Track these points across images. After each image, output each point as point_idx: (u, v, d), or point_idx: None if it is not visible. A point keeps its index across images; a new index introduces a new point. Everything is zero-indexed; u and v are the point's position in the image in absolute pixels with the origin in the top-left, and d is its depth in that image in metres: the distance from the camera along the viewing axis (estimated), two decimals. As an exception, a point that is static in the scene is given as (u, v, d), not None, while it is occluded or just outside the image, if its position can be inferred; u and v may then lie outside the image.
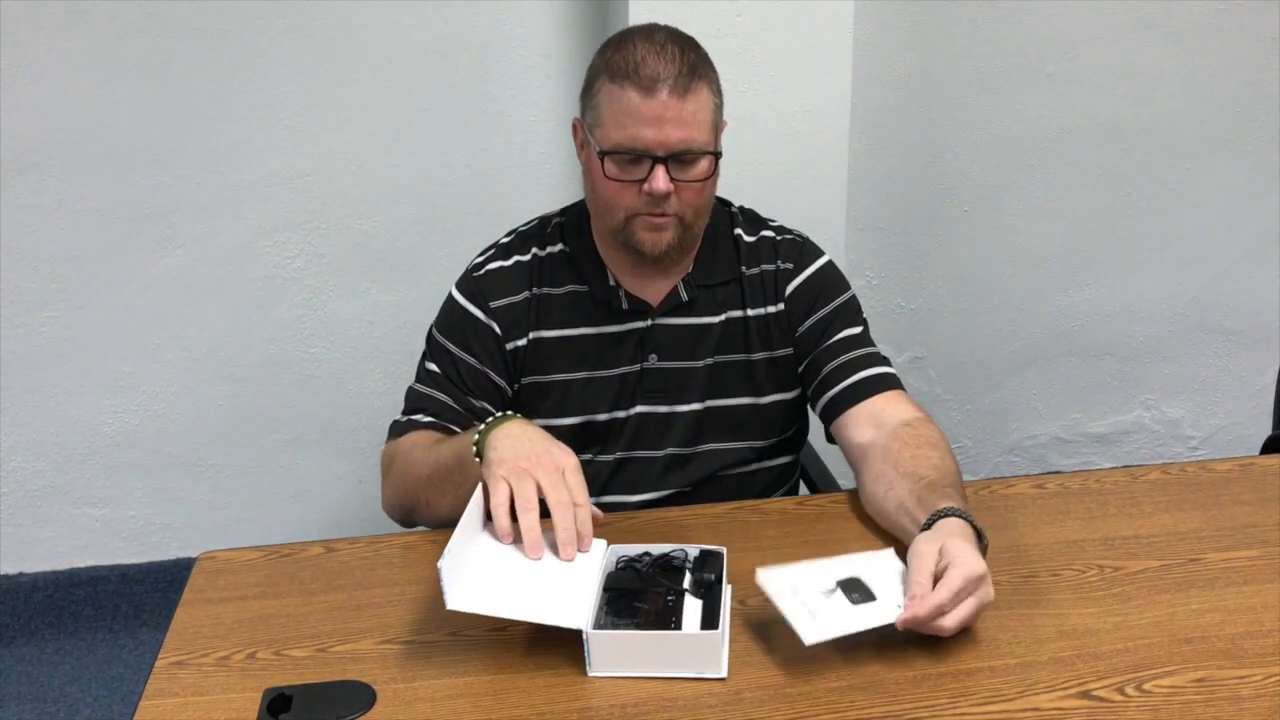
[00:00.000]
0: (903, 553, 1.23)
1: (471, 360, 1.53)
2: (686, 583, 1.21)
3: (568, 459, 1.26)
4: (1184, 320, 2.76)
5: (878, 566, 1.21)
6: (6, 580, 2.46)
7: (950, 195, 2.56)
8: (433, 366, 1.56)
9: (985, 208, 2.58)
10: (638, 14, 1.98)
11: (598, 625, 1.14)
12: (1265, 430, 1.95)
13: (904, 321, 2.65)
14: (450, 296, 1.58)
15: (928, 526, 1.23)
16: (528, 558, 1.21)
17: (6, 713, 2.29)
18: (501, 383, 1.54)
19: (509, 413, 1.34)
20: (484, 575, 1.18)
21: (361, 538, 1.40)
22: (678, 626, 1.15)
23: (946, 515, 1.23)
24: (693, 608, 1.18)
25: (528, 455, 1.24)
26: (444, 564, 1.10)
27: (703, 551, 1.25)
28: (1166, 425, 2.88)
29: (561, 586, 1.18)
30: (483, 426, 1.31)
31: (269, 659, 1.18)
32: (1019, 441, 2.84)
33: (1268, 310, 2.77)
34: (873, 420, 1.47)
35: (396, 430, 1.53)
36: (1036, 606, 1.23)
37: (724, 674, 1.12)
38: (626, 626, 1.15)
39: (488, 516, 1.27)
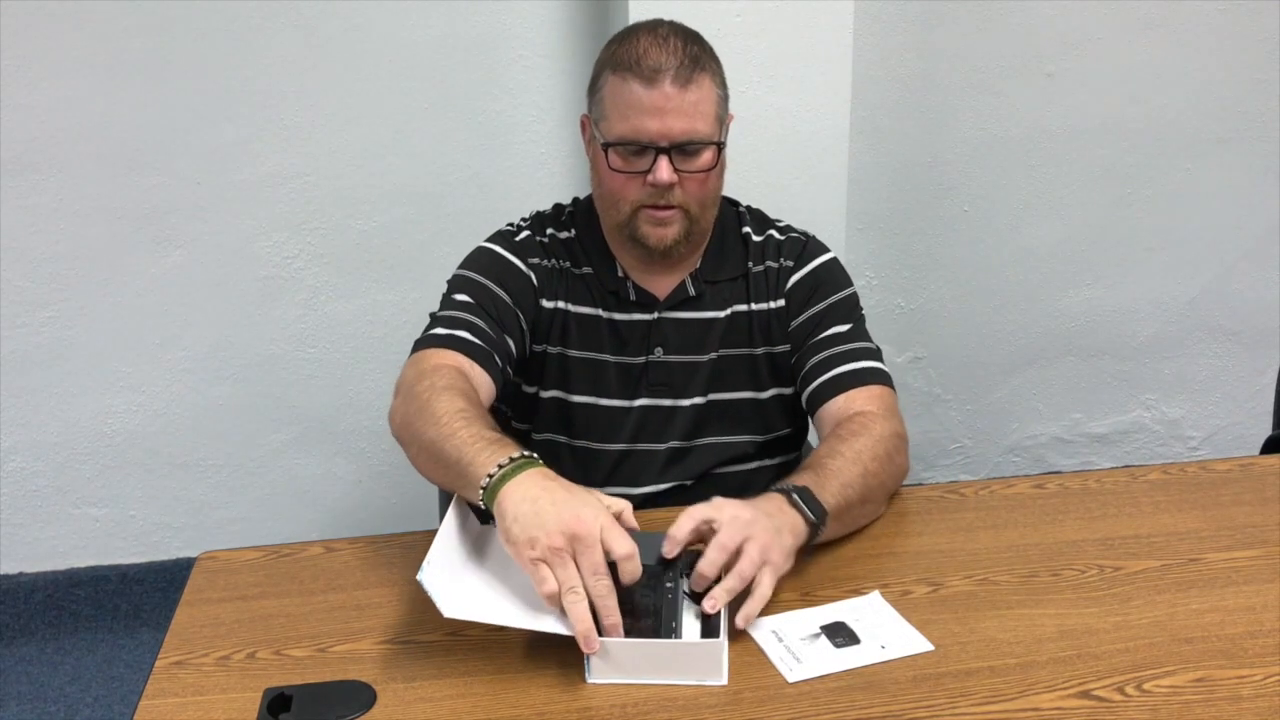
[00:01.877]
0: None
1: (505, 297, 1.50)
2: (685, 587, 1.21)
3: (601, 516, 1.12)
4: (1184, 320, 2.76)
5: (863, 610, 1.22)
6: (6, 580, 2.46)
7: (950, 195, 2.56)
8: (464, 297, 1.49)
9: (985, 208, 2.58)
10: (638, 14, 1.98)
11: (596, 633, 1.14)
12: (1265, 430, 1.95)
13: (904, 321, 2.65)
14: (483, 247, 1.55)
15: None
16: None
17: (6, 713, 2.28)
18: (526, 330, 1.52)
19: (527, 456, 1.20)
20: (479, 582, 1.17)
21: (361, 538, 1.40)
22: (677, 634, 1.15)
23: (779, 490, 1.26)
24: (691, 614, 1.18)
25: (558, 528, 1.10)
26: (424, 576, 1.09)
27: (696, 554, 1.24)
28: (1166, 425, 2.88)
29: None
30: (495, 470, 1.17)
31: (269, 659, 1.18)
32: (1019, 441, 2.84)
33: (1268, 310, 2.77)
34: (833, 421, 1.47)
35: (434, 341, 1.43)
36: (1036, 606, 1.23)
37: (724, 681, 1.11)
38: (625, 634, 1.14)
39: (480, 519, 1.26)
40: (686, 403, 1.57)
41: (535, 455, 1.21)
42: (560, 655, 1.14)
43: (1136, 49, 2.48)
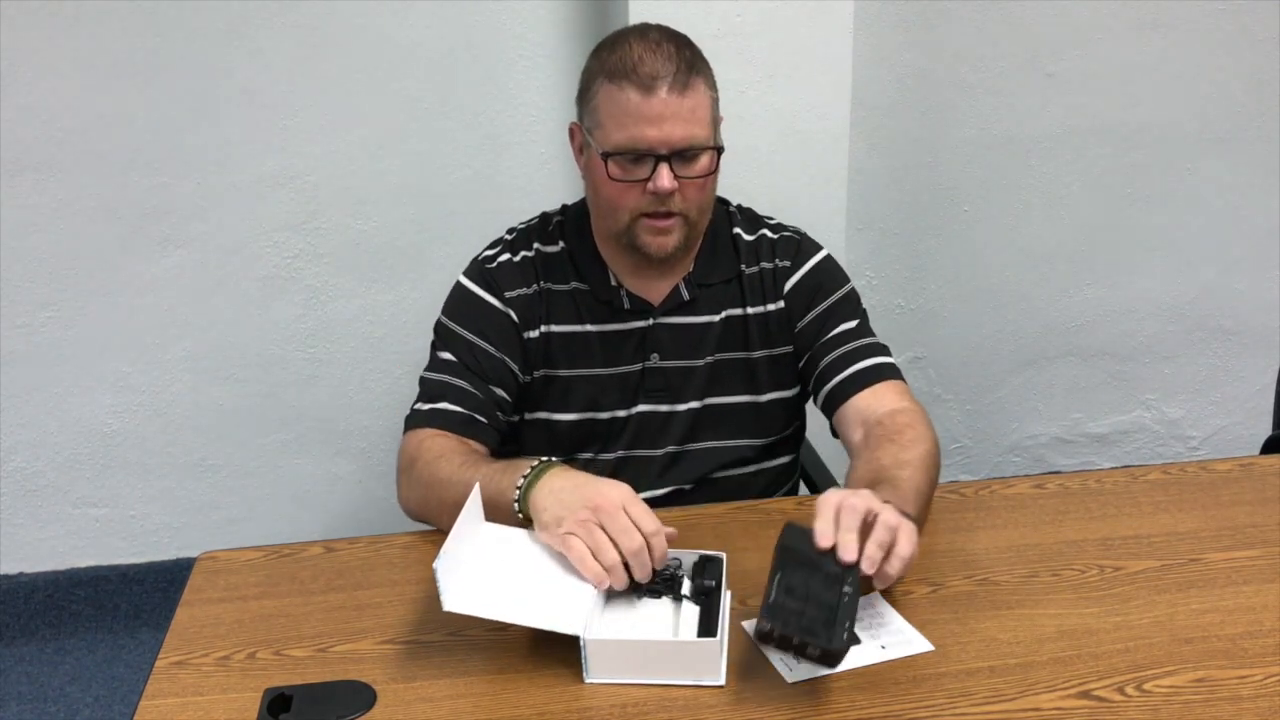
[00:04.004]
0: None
1: (488, 347, 1.52)
2: (685, 588, 1.21)
3: (621, 490, 1.19)
4: (1184, 320, 2.76)
5: (862, 611, 1.21)
6: (6, 580, 2.46)
7: (950, 195, 2.56)
8: (448, 355, 1.52)
9: (985, 208, 2.58)
10: (638, 14, 1.98)
11: (595, 631, 1.14)
12: (1265, 430, 1.95)
13: (904, 321, 2.65)
14: (461, 286, 1.56)
15: None
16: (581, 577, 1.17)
17: (6, 713, 2.29)
18: (516, 370, 1.53)
19: (544, 461, 1.28)
20: (482, 577, 1.17)
21: (361, 538, 1.40)
22: (676, 633, 1.15)
23: None
24: (690, 614, 1.18)
25: (584, 504, 1.18)
26: (439, 565, 1.10)
27: (702, 556, 1.24)
28: (1166, 425, 2.88)
29: (559, 590, 1.18)
30: (521, 481, 1.26)
31: (269, 659, 1.18)
32: (1019, 441, 2.84)
33: (1268, 310, 2.77)
34: (861, 418, 1.48)
35: (419, 419, 1.48)
36: (1036, 606, 1.23)
37: (722, 681, 1.11)
38: (624, 633, 1.14)
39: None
40: (683, 407, 1.57)
41: (552, 459, 1.27)
42: (561, 655, 1.14)
43: (1136, 49, 2.48)
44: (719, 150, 1.45)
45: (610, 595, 1.21)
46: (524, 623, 1.13)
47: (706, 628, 1.15)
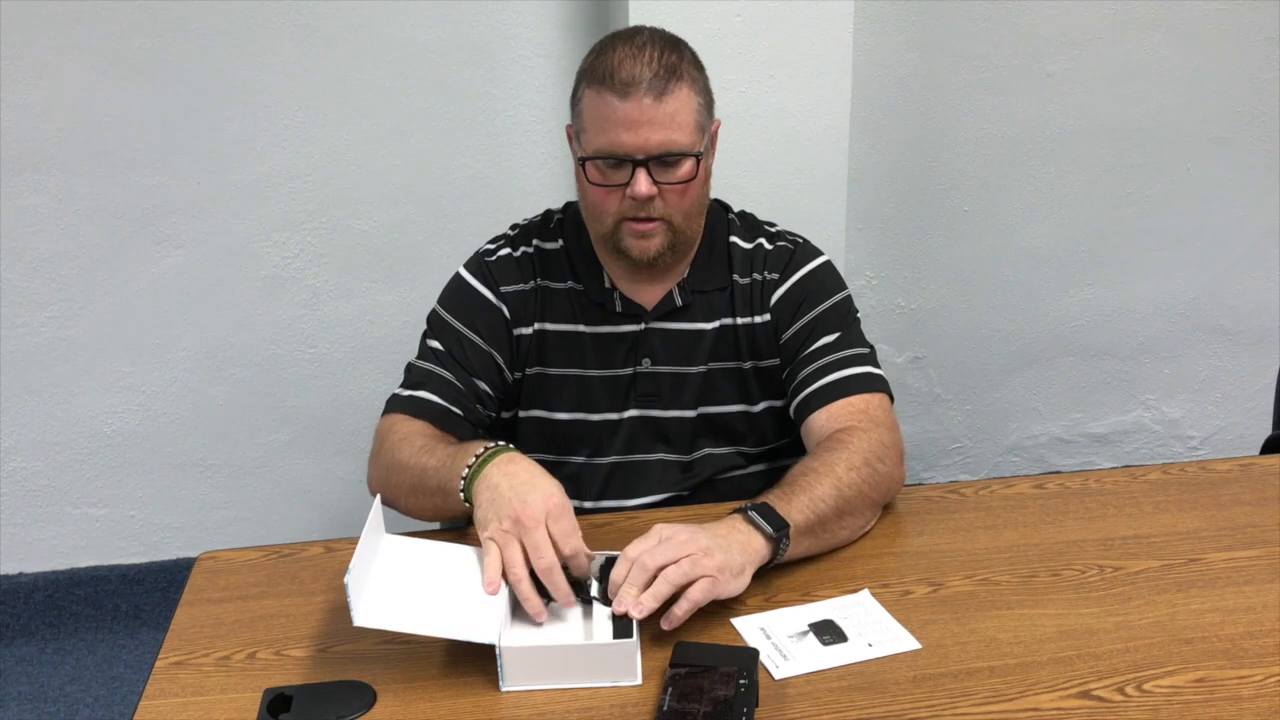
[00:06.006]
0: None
1: (477, 340, 1.52)
2: (594, 590, 1.20)
3: (550, 501, 1.19)
4: (1184, 320, 2.76)
5: (851, 609, 1.22)
6: (6, 580, 2.46)
7: (950, 195, 2.56)
8: (436, 344, 1.53)
9: (985, 208, 2.58)
10: (638, 14, 1.98)
11: (509, 639, 1.13)
12: (1265, 430, 1.95)
13: (904, 321, 2.65)
14: (459, 276, 1.57)
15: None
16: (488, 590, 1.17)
17: (6, 713, 2.29)
18: (503, 365, 1.53)
19: (496, 446, 1.28)
20: (392, 588, 1.16)
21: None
22: (590, 636, 1.15)
23: (737, 510, 1.26)
24: (601, 615, 1.17)
25: (508, 512, 1.18)
26: (350, 579, 1.08)
27: (608, 558, 1.22)
28: (1166, 425, 2.88)
29: (470, 599, 1.17)
30: (466, 471, 1.26)
31: (269, 659, 1.18)
32: (1019, 441, 2.84)
33: (1268, 310, 2.77)
34: (817, 437, 1.45)
35: (396, 404, 1.50)
36: (1036, 606, 1.23)
37: (639, 681, 1.11)
38: (538, 639, 1.14)
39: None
40: (676, 414, 1.56)
41: (501, 443, 1.27)
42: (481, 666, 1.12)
43: (1136, 49, 2.48)
44: (699, 157, 1.42)
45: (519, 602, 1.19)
46: (437, 634, 1.12)
47: (621, 629, 1.14)
